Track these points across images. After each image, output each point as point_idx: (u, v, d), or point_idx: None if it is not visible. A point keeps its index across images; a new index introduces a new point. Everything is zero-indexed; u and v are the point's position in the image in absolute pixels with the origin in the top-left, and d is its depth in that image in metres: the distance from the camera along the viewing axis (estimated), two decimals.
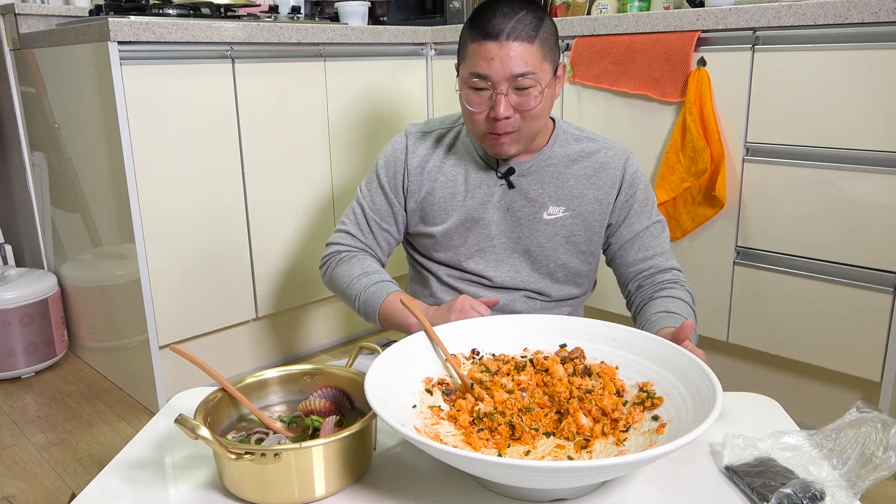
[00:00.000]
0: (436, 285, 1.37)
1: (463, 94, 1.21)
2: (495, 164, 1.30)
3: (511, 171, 1.29)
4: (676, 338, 0.94)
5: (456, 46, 1.27)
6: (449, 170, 1.33)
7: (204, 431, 0.73)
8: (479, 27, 1.15)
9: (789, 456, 0.81)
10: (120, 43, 1.80)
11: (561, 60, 1.24)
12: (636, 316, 1.28)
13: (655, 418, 0.84)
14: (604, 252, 1.37)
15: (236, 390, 0.87)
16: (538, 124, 1.21)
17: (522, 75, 1.14)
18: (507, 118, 1.17)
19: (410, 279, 1.48)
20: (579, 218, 1.30)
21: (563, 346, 0.99)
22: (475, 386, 0.91)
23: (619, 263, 1.33)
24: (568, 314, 1.34)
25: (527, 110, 1.17)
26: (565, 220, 1.29)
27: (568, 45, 2.13)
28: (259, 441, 0.84)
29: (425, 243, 1.37)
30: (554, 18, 2.26)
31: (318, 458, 0.77)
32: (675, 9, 2.08)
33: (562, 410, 0.88)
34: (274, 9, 2.67)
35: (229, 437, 0.86)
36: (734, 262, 1.90)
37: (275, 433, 0.86)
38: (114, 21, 1.78)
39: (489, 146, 1.24)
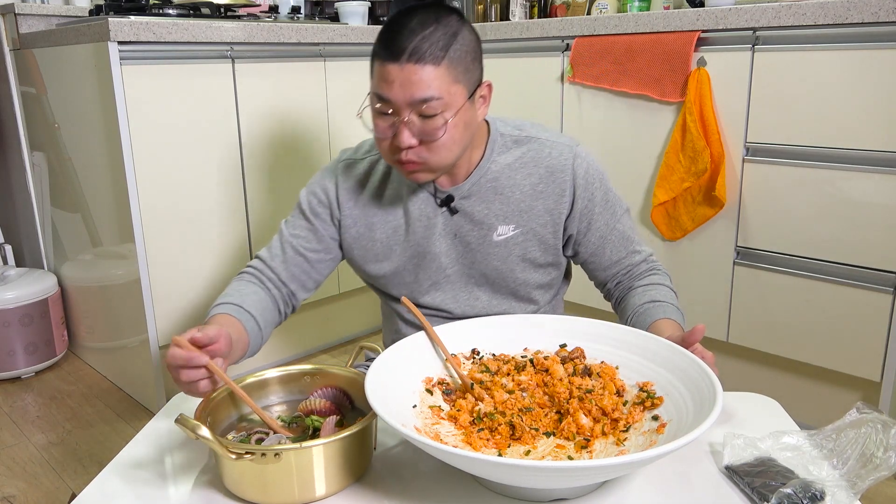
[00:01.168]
0: (399, 323, 1.28)
1: (371, 116, 1.08)
2: (433, 190, 1.17)
3: (450, 197, 1.16)
4: (687, 341, 0.93)
5: None
6: (386, 203, 1.20)
7: (204, 431, 0.73)
8: (382, 43, 1.02)
9: (789, 456, 0.81)
10: (120, 43, 1.80)
11: (486, 80, 1.12)
12: (617, 307, 1.24)
13: (655, 418, 0.84)
14: (572, 259, 1.27)
15: (237, 386, 0.87)
16: (449, 155, 1.06)
17: (425, 101, 1.00)
18: (410, 147, 1.03)
19: (382, 314, 1.39)
20: (531, 234, 1.18)
21: (563, 346, 0.99)
22: (475, 386, 0.91)
23: (592, 269, 1.25)
24: (546, 312, 1.29)
25: (432, 140, 1.03)
26: (517, 238, 1.18)
27: (568, 45, 2.13)
28: (259, 441, 0.84)
29: (376, 283, 1.27)
30: (554, 18, 2.26)
31: (319, 458, 0.77)
32: (675, 9, 2.08)
33: (562, 410, 0.88)
34: (274, 9, 2.67)
35: (229, 437, 0.86)
36: (734, 262, 1.90)
37: (275, 433, 0.86)
38: (114, 21, 1.78)
39: (402, 174, 1.11)
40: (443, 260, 1.19)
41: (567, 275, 1.33)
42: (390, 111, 1.03)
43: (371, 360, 1.19)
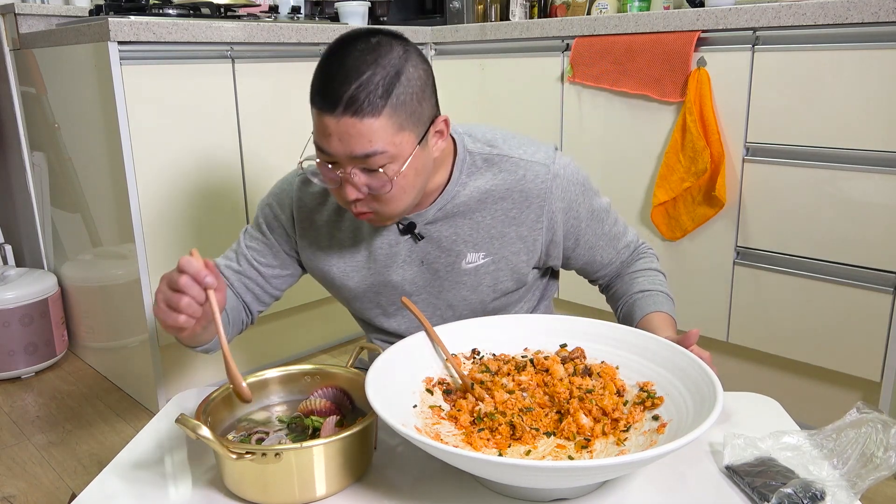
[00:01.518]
0: (370, 336, 1.23)
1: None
2: None
3: (412, 225, 1.07)
4: (682, 345, 0.93)
5: (456, 47, 1.22)
6: (345, 226, 1.11)
7: (204, 431, 0.73)
8: (316, 89, 0.91)
9: (790, 456, 0.81)
10: (120, 43, 1.80)
11: (442, 115, 0.99)
12: (607, 293, 1.23)
13: (656, 418, 0.84)
14: (563, 268, 1.21)
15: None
16: (401, 204, 0.97)
17: (367, 156, 0.90)
18: (358, 200, 0.95)
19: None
20: (503, 262, 1.09)
21: (563, 345, 0.99)
22: (475, 386, 0.91)
23: (585, 274, 1.21)
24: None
25: (380, 194, 0.94)
26: (487, 266, 1.09)
27: (568, 45, 2.13)
28: (259, 441, 0.84)
29: (338, 300, 1.21)
30: (554, 18, 2.26)
31: (319, 458, 0.77)
32: (675, 9, 2.08)
33: (562, 410, 0.88)
34: (274, 9, 2.67)
35: (230, 437, 0.86)
36: (734, 262, 1.90)
37: (276, 431, 0.86)
38: (114, 21, 1.78)
39: (374, 227, 1.05)
40: (407, 287, 1.12)
41: (554, 276, 1.27)
42: (331, 163, 0.93)
43: (371, 359, 1.19)
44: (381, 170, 0.91)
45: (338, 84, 0.88)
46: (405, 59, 0.91)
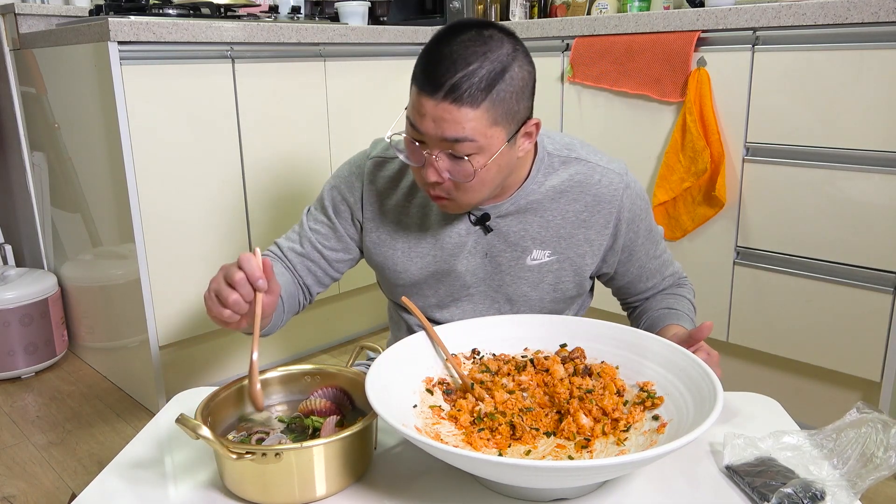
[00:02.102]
0: (406, 335, 1.18)
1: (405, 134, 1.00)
2: None
3: (486, 216, 1.08)
4: (694, 337, 0.94)
5: None
6: (414, 211, 1.11)
7: (205, 431, 0.73)
8: (421, 69, 0.93)
9: (790, 456, 0.81)
10: (120, 43, 1.80)
11: (534, 118, 1.01)
12: (633, 312, 1.24)
13: (656, 418, 0.84)
14: (604, 282, 1.22)
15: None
16: (479, 195, 0.99)
17: (457, 141, 0.92)
18: (437, 183, 0.97)
19: (389, 319, 1.33)
20: (567, 262, 1.11)
21: (563, 345, 0.99)
22: (475, 386, 0.91)
23: (624, 292, 1.22)
24: None
25: (461, 181, 0.96)
26: (551, 265, 1.11)
27: (568, 45, 2.13)
28: (260, 441, 0.84)
29: (389, 288, 1.21)
30: (554, 18, 2.26)
31: (319, 458, 0.77)
32: (675, 9, 2.08)
33: (562, 410, 0.88)
34: (274, 9, 2.67)
35: (230, 437, 0.86)
36: (734, 262, 1.90)
37: (277, 432, 0.86)
38: (114, 21, 1.78)
39: (446, 214, 1.06)
40: (468, 279, 1.12)
41: (591, 291, 1.26)
42: (421, 139, 0.95)
43: (371, 360, 1.19)
44: (466, 158, 0.93)
45: (444, 69, 0.90)
46: (513, 58, 0.93)
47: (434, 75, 0.90)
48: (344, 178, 1.16)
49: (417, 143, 0.95)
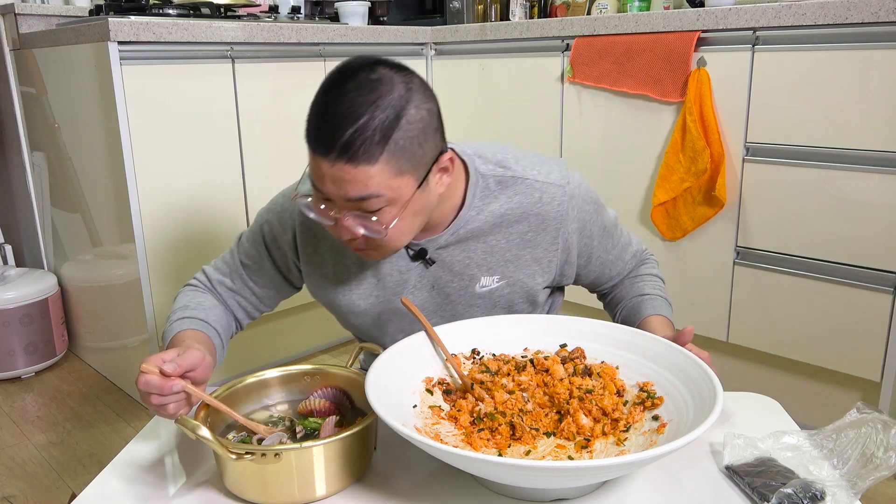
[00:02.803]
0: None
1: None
2: None
3: (423, 251, 1.03)
4: (677, 343, 0.94)
5: (456, 47, 1.20)
6: (351, 252, 1.04)
7: (204, 431, 0.73)
8: (310, 130, 0.85)
9: (790, 456, 0.81)
10: (120, 43, 1.80)
11: (446, 151, 0.93)
12: (606, 301, 1.22)
13: (656, 418, 0.84)
14: (572, 283, 1.18)
15: (216, 401, 0.86)
16: (400, 242, 0.93)
17: (362, 199, 0.85)
18: (351, 239, 0.90)
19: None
20: (518, 285, 1.07)
21: (563, 346, 0.99)
22: (475, 386, 0.91)
23: (592, 286, 1.20)
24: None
25: (374, 236, 0.89)
26: (502, 289, 1.07)
27: (568, 45, 2.13)
28: (260, 441, 0.84)
29: (346, 326, 1.17)
30: (554, 18, 2.26)
31: (319, 458, 0.77)
32: (675, 9, 2.08)
33: (562, 411, 0.88)
34: (274, 9, 2.67)
35: (230, 437, 0.86)
36: (734, 262, 1.90)
37: (271, 434, 0.86)
38: (114, 21, 1.78)
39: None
40: (412, 318, 1.05)
41: (560, 289, 1.24)
42: (324, 205, 0.88)
43: (371, 360, 1.19)
44: (374, 218, 0.87)
45: (333, 127, 0.82)
46: (407, 99, 0.85)
47: (324, 135, 0.83)
48: (277, 214, 1.09)
49: (323, 205, 0.89)
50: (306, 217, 1.03)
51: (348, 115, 0.82)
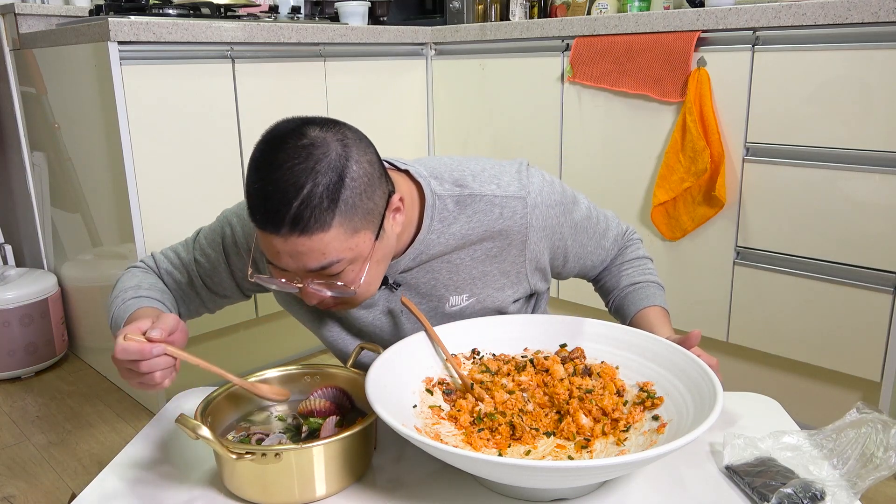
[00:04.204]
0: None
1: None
2: None
3: (384, 278, 1.01)
4: (684, 346, 0.93)
5: (456, 47, 1.20)
6: None
7: (204, 431, 0.73)
8: (254, 210, 0.82)
9: (790, 456, 0.81)
10: (120, 43, 1.80)
11: (394, 192, 0.90)
12: (596, 284, 1.21)
13: (656, 418, 0.84)
14: (555, 278, 1.17)
15: (240, 379, 0.87)
16: (370, 293, 0.91)
17: (323, 268, 0.83)
18: (321, 301, 0.89)
19: None
20: (489, 300, 1.05)
21: (563, 345, 0.99)
22: (475, 386, 0.91)
23: (577, 277, 1.19)
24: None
25: (343, 295, 0.87)
26: (473, 307, 1.05)
27: (568, 45, 2.13)
28: (259, 441, 0.84)
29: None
30: (554, 18, 2.26)
31: (319, 458, 0.77)
32: (675, 9, 2.08)
33: (561, 411, 0.88)
34: (274, 9, 2.67)
35: (230, 437, 0.86)
36: (734, 262, 1.90)
37: (276, 433, 0.86)
38: (114, 21, 1.78)
39: None
40: (386, 337, 1.06)
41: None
42: (284, 278, 0.86)
43: (371, 360, 1.19)
44: (340, 283, 0.85)
45: (277, 204, 0.79)
46: (346, 157, 0.81)
47: (270, 214, 0.79)
48: (242, 220, 1.04)
49: (283, 279, 0.86)
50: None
51: (289, 188, 0.78)
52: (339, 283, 0.85)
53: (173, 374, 0.82)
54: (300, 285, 0.86)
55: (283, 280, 0.86)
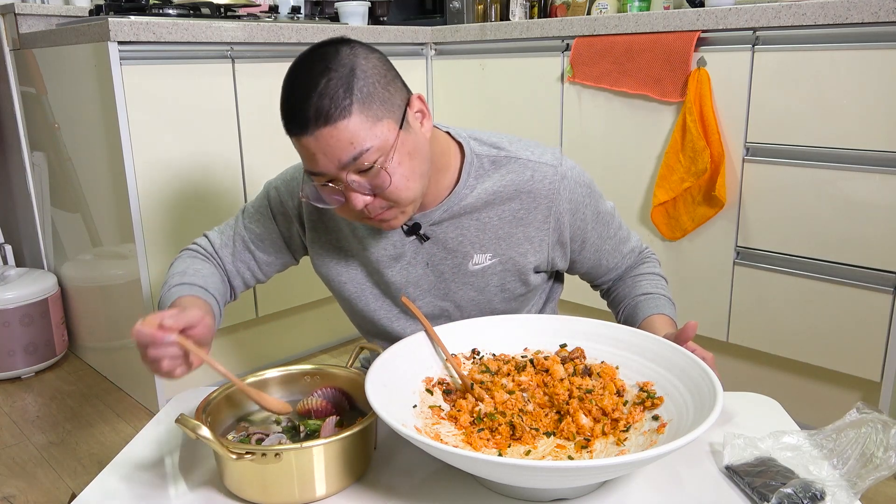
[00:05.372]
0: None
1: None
2: None
3: (417, 226, 1.06)
4: (679, 340, 0.94)
5: (456, 47, 1.21)
6: (346, 226, 1.10)
7: (204, 431, 0.73)
8: (284, 118, 0.93)
9: (790, 456, 0.81)
10: (120, 43, 1.80)
11: (414, 94, 0.97)
12: (609, 299, 1.23)
13: (656, 418, 0.84)
14: (567, 272, 1.20)
15: (240, 382, 0.87)
16: (411, 192, 0.94)
17: (355, 159, 0.88)
18: (367, 206, 0.93)
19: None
20: (510, 263, 1.08)
21: (563, 346, 0.99)
22: (475, 386, 0.91)
23: (589, 278, 1.21)
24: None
25: (383, 190, 0.91)
26: (494, 267, 1.08)
27: (568, 45, 2.13)
28: (259, 441, 0.84)
29: (350, 313, 1.20)
30: (554, 18, 2.26)
31: (319, 458, 0.77)
32: (675, 9, 2.08)
33: (561, 411, 0.88)
34: (274, 9, 2.67)
35: (230, 437, 0.86)
36: (734, 262, 1.90)
37: (276, 432, 0.86)
38: (114, 21, 1.78)
39: (376, 227, 1.02)
40: (411, 290, 1.10)
41: (559, 278, 1.25)
42: (328, 182, 0.92)
43: (371, 360, 1.19)
44: (374, 167, 0.90)
45: (300, 104, 0.88)
46: (354, 55, 0.90)
47: (296, 114, 0.89)
48: (286, 182, 1.14)
49: (328, 185, 0.93)
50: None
51: (308, 86, 0.88)
52: (372, 168, 0.90)
53: (185, 367, 0.83)
54: (341, 186, 0.91)
55: (328, 185, 0.92)
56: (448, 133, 1.06)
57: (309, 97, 0.87)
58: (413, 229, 1.06)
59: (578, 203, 1.08)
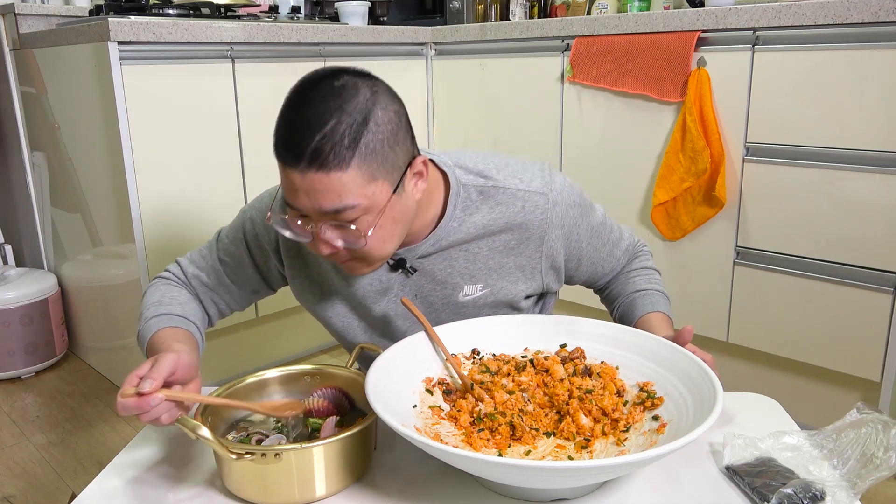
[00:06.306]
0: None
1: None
2: None
3: (402, 261, 1.02)
4: (676, 342, 0.93)
5: (456, 47, 1.20)
6: (333, 264, 1.05)
7: (204, 431, 0.73)
8: (277, 140, 0.85)
9: (790, 456, 0.81)
10: (120, 43, 1.80)
11: (420, 156, 0.92)
12: (602, 294, 1.22)
13: (656, 418, 0.84)
14: (565, 283, 1.17)
15: (221, 399, 0.87)
16: (383, 251, 0.90)
17: (337, 211, 0.83)
18: (333, 253, 0.88)
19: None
20: (502, 293, 1.06)
21: (563, 346, 0.99)
22: (475, 386, 0.91)
23: (585, 285, 1.20)
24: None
25: (354, 247, 0.87)
26: (486, 297, 1.06)
27: (568, 45, 2.13)
28: (259, 441, 0.84)
29: (337, 338, 1.17)
30: (554, 18, 2.26)
31: (319, 459, 0.77)
32: (675, 9, 2.08)
33: (561, 411, 0.88)
34: (274, 9, 2.67)
35: (230, 437, 0.86)
36: (734, 262, 1.90)
37: (276, 432, 0.86)
38: (114, 21, 1.78)
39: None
40: (400, 323, 1.07)
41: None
42: (300, 219, 0.87)
43: (371, 360, 1.19)
44: (352, 226, 0.84)
45: (300, 136, 0.81)
46: (373, 102, 0.84)
47: (291, 144, 0.82)
48: (261, 212, 1.06)
49: (300, 220, 0.87)
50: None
51: (315, 122, 0.81)
52: (351, 228, 0.84)
53: (179, 413, 0.80)
54: (313, 230, 0.86)
55: (299, 222, 0.86)
56: (432, 161, 1.01)
57: (312, 134, 0.81)
58: (398, 264, 1.02)
59: (572, 226, 1.05)
